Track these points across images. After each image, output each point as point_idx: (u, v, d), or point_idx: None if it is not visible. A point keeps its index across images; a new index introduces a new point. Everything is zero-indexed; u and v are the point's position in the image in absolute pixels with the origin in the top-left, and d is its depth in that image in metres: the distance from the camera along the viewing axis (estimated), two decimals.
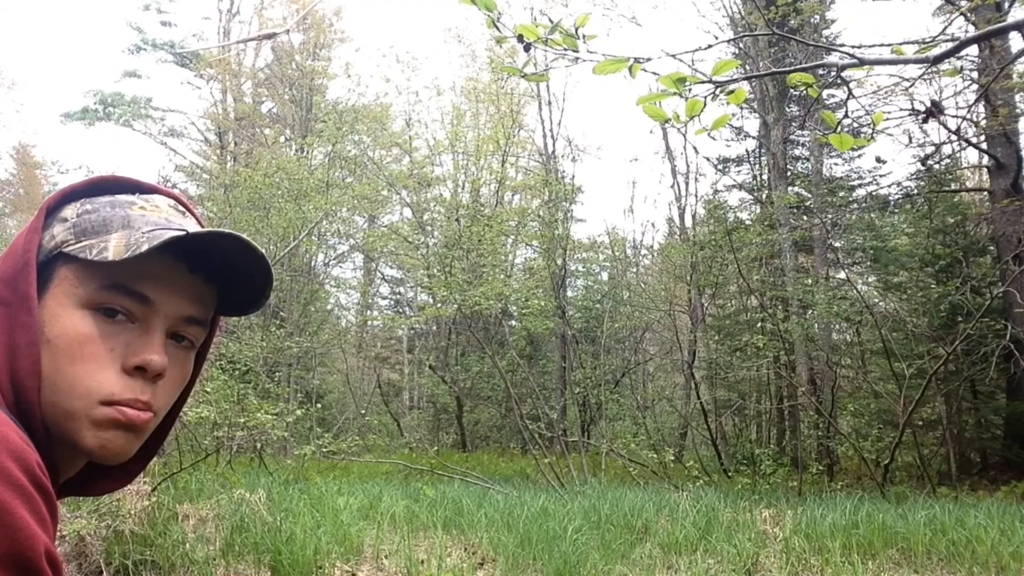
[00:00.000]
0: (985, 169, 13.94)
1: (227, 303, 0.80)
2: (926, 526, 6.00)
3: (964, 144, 14.07)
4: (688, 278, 15.99)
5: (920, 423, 11.61)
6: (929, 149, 13.99)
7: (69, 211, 0.74)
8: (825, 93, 11.81)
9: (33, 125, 45.56)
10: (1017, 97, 12.14)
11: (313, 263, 20.28)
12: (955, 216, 13.30)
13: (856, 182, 16.99)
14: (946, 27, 10.86)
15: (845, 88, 1.95)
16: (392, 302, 26.96)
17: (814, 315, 13.12)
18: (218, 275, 0.76)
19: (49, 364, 0.67)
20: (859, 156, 17.21)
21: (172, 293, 0.72)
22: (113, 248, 0.69)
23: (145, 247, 0.67)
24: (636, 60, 1.72)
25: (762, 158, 17.74)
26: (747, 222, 16.58)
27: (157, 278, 0.71)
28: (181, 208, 0.79)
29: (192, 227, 0.76)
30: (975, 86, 12.05)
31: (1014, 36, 11.01)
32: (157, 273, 0.71)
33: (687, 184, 18.30)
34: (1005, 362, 11.15)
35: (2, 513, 0.54)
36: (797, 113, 16.70)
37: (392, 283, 26.18)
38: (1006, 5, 10.96)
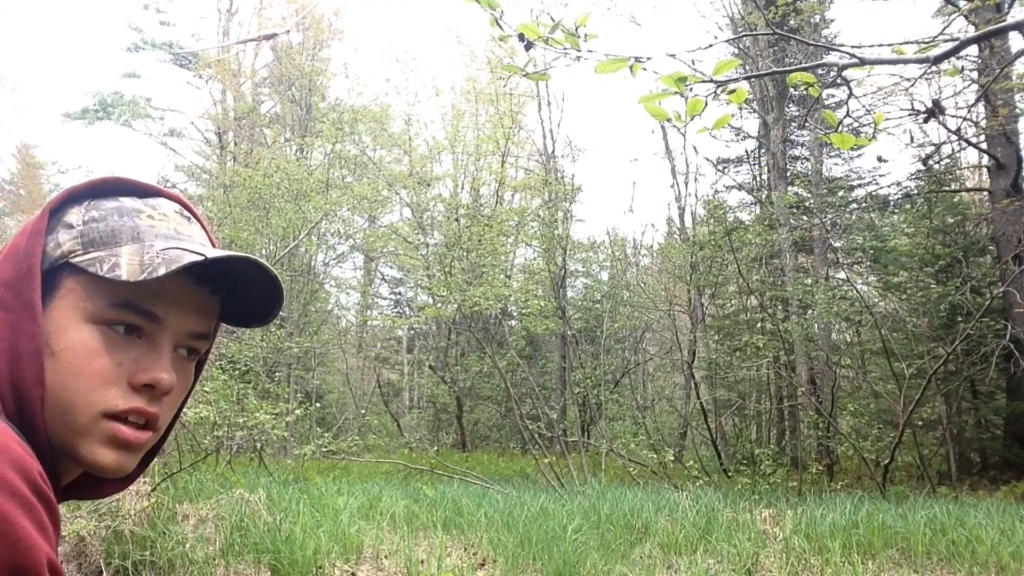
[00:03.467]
0: (985, 169, 13.93)
1: (232, 315, 0.79)
2: (926, 526, 5.99)
3: (964, 144, 14.06)
4: (688, 278, 15.98)
5: (920, 423, 11.61)
6: (929, 149, 13.98)
7: (74, 216, 0.71)
8: (825, 93, 11.79)
9: (34, 125, 45.54)
10: (1017, 97, 12.14)
11: (313, 263, 20.25)
12: (955, 216, 13.30)
13: (856, 182, 16.99)
14: (946, 27, 10.87)
15: (845, 88, 1.94)
16: (392, 302, 26.95)
17: (814, 315, 13.12)
18: (224, 288, 0.75)
19: (53, 377, 0.66)
20: (859, 156, 17.22)
21: (181, 310, 0.71)
22: (126, 267, 0.67)
23: (162, 271, 0.65)
24: (637, 59, 1.71)
25: (762, 158, 17.73)
26: (747, 222, 16.57)
27: (167, 296, 0.70)
28: (187, 214, 0.78)
29: (199, 236, 0.76)
30: (975, 86, 12.04)
31: (1014, 36, 11.01)
32: (167, 291, 0.69)
33: (687, 184, 18.31)
34: (1005, 362, 11.15)
35: (3, 524, 0.54)
36: (797, 113, 16.70)
37: (392, 283, 26.17)
38: (1006, 5, 10.95)
